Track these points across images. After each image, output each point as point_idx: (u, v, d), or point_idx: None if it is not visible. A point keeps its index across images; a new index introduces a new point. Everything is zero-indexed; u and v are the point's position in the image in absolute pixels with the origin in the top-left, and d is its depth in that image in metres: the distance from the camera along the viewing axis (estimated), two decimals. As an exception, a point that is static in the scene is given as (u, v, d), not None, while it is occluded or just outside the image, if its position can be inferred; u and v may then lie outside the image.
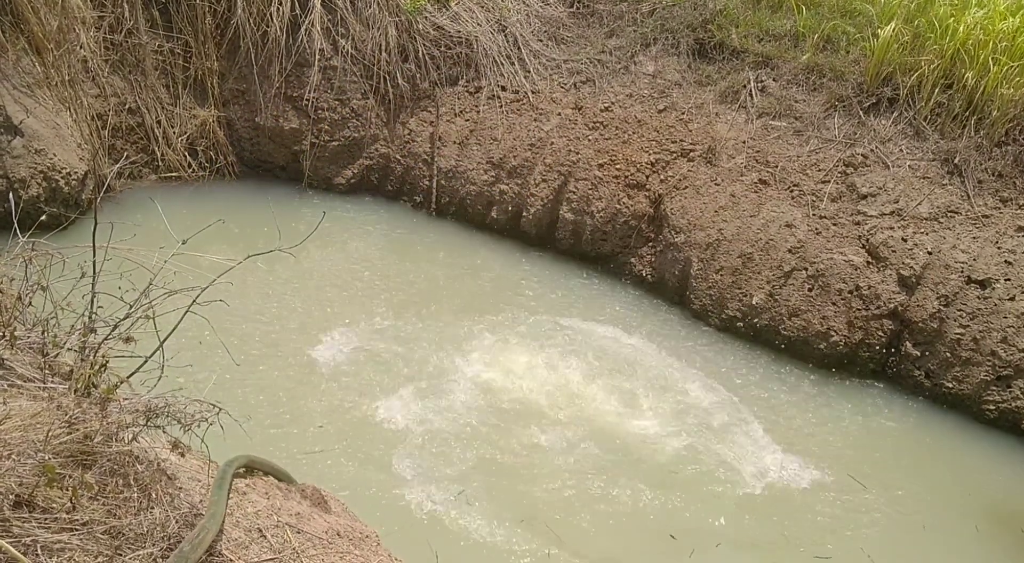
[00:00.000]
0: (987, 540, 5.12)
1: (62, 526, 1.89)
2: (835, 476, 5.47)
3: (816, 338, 6.65)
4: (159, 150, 8.04)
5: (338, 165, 8.64)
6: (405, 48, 8.48)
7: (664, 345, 6.71)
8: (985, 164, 6.73)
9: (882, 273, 6.54)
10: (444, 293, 7.10)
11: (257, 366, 5.60)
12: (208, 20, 8.11)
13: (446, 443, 5.17)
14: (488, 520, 4.60)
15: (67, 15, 7.39)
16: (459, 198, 8.35)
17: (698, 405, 5.95)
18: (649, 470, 5.23)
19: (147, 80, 7.99)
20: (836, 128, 7.28)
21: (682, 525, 4.83)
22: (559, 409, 5.68)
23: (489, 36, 8.55)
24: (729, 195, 7.23)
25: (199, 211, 7.47)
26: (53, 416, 2.06)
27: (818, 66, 7.62)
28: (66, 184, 6.87)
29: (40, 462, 1.91)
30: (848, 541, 4.92)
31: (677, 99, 7.93)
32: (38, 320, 2.40)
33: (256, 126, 8.44)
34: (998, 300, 6.17)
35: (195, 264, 3.00)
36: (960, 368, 6.26)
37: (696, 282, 7.19)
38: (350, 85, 8.41)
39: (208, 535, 2.19)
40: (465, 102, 8.50)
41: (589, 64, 8.37)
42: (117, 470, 2.11)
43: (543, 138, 8.00)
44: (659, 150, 7.67)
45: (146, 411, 2.25)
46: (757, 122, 7.56)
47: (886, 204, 6.76)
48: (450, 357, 6.06)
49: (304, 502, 3.26)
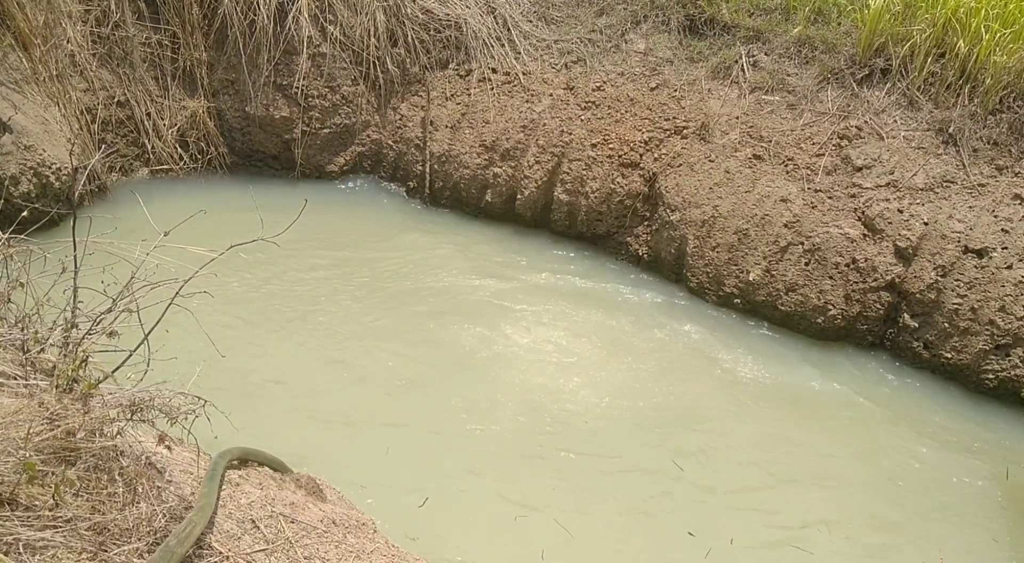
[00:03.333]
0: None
1: (45, 524, 1.87)
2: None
3: (814, 312, 6.63)
4: (149, 143, 8.01)
5: (330, 153, 8.60)
6: (394, 33, 8.42)
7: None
8: (980, 132, 6.67)
9: (878, 245, 6.51)
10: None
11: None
12: (195, 10, 8.05)
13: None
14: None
15: (53, 10, 7.34)
16: (453, 182, 8.31)
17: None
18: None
19: (135, 73, 7.95)
20: (829, 101, 7.23)
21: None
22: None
23: (478, 18, 8.49)
24: (724, 171, 7.18)
25: (189, 203, 7.40)
26: (34, 413, 2.04)
27: (809, 39, 7.55)
28: (57, 180, 6.84)
29: (21, 460, 1.89)
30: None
31: (669, 76, 7.88)
32: (19, 317, 2.38)
33: (246, 116, 8.39)
34: (995, 269, 6.13)
35: (180, 257, 2.98)
36: (958, 338, 6.23)
37: (692, 260, 7.16)
38: (340, 72, 8.35)
39: (196, 528, 2.18)
40: (456, 85, 8.45)
41: (580, 43, 8.31)
42: (101, 466, 2.09)
43: (535, 119, 7.94)
44: (652, 128, 7.62)
45: (130, 405, 2.23)
46: (750, 97, 7.50)
47: (881, 176, 6.72)
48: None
49: (299, 491, 3.25)
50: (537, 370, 5.97)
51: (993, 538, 4.88)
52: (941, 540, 4.83)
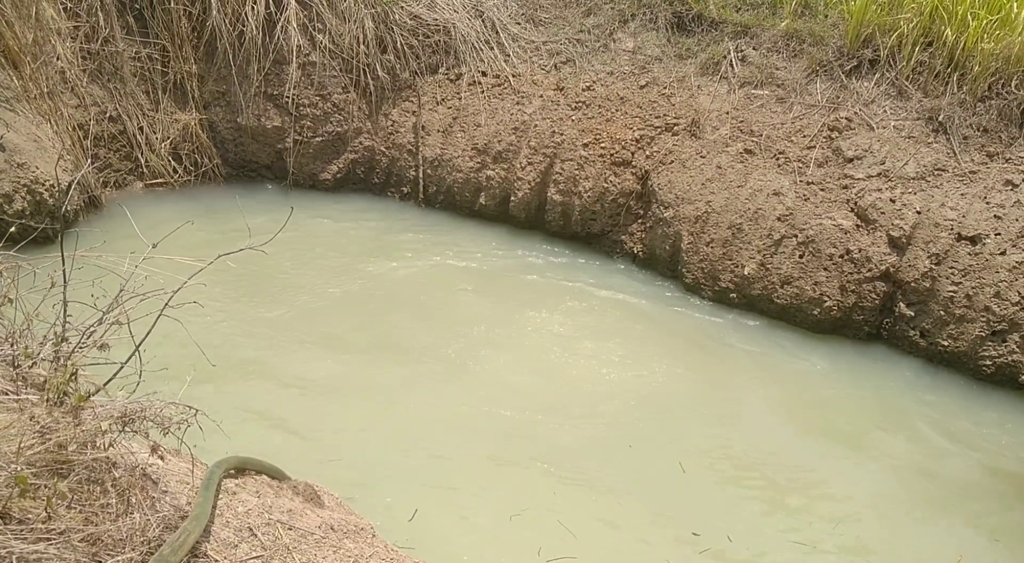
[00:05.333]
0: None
1: (38, 536, 1.88)
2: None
3: (810, 304, 6.64)
4: (143, 157, 8.02)
5: (323, 161, 8.62)
6: (383, 39, 8.43)
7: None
8: (969, 120, 6.69)
9: (872, 235, 6.52)
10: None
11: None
12: (184, 23, 8.07)
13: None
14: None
15: (42, 27, 7.36)
16: (446, 186, 8.33)
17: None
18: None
19: (126, 87, 7.96)
20: (819, 93, 7.25)
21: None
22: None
23: (466, 22, 8.51)
24: (715, 167, 7.20)
25: (182, 215, 7.42)
26: (26, 426, 2.05)
27: (797, 32, 7.57)
28: (50, 196, 6.86)
29: (12, 473, 1.90)
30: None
31: (658, 74, 7.89)
32: (9, 332, 2.39)
33: (238, 127, 8.41)
34: (989, 255, 6.14)
35: (169, 268, 2.99)
36: (955, 325, 6.24)
37: (687, 256, 7.17)
38: (330, 80, 8.37)
39: (190, 537, 2.19)
40: (446, 90, 8.47)
41: (568, 44, 8.33)
42: (94, 477, 2.10)
43: (526, 121, 7.96)
44: (643, 126, 7.63)
45: (121, 417, 2.24)
46: (739, 92, 7.52)
47: (873, 166, 6.73)
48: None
49: (296, 498, 3.26)
50: (534, 369, 5.98)
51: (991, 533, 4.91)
52: (944, 535, 4.85)
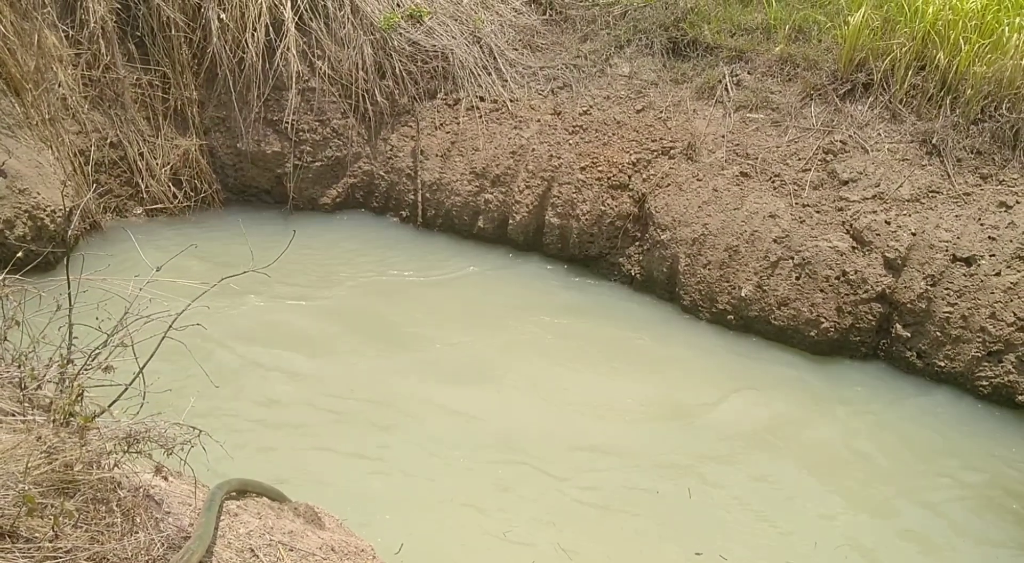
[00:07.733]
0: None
1: (45, 555, 1.91)
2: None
3: (807, 325, 6.68)
4: (143, 182, 8.07)
5: (322, 185, 8.68)
6: (382, 65, 8.52)
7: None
8: (963, 142, 6.76)
9: (868, 257, 6.57)
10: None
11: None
12: (184, 50, 8.14)
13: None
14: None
15: (44, 54, 7.43)
16: (445, 210, 8.39)
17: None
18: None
19: (127, 113, 8.03)
20: (813, 116, 7.32)
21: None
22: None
23: (464, 48, 8.60)
24: (712, 190, 7.26)
25: (183, 240, 7.47)
26: (32, 447, 2.08)
27: (791, 57, 7.66)
28: (52, 222, 6.90)
29: (20, 493, 1.93)
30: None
31: (654, 98, 7.97)
32: (16, 355, 2.42)
33: (238, 152, 8.47)
34: (984, 276, 6.19)
35: (173, 291, 3.02)
36: (951, 346, 6.28)
37: (684, 278, 7.21)
38: (329, 105, 8.45)
39: (194, 556, 2.21)
40: (445, 115, 8.54)
41: (565, 69, 8.42)
42: (99, 497, 2.13)
43: (524, 145, 8.04)
44: (640, 150, 7.70)
45: (126, 438, 2.27)
46: (735, 116, 7.60)
47: (867, 188, 6.79)
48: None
49: (297, 520, 3.28)
50: (535, 392, 6.01)
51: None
52: (944, 549, 4.86)
